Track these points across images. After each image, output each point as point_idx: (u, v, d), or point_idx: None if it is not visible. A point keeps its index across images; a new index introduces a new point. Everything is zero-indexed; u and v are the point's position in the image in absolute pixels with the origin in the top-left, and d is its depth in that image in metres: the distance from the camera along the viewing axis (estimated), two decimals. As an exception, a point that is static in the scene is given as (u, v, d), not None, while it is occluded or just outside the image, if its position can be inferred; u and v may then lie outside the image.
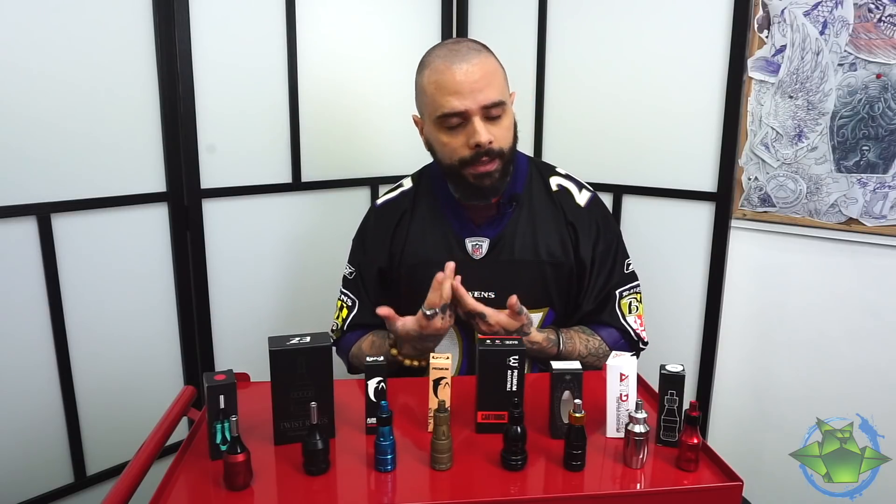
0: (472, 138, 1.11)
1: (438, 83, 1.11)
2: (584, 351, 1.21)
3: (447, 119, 1.12)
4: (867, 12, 1.38)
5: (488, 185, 1.15)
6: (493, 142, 1.12)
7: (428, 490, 0.83)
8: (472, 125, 1.11)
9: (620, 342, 1.25)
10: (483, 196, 1.18)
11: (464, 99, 1.09)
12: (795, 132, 1.51)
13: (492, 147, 1.12)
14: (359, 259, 1.31)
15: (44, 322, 1.33)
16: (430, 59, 1.16)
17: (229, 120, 1.54)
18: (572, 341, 1.21)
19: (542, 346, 1.18)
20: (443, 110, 1.11)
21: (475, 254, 1.23)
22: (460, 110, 1.10)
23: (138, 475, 0.83)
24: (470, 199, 1.21)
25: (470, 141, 1.11)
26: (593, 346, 1.22)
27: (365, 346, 1.26)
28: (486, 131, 1.10)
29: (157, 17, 1.40)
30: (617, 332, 1.25)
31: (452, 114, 1.11)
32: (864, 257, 1.47)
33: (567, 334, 1.22)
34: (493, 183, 1.16)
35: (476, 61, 1.11)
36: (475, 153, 1.12)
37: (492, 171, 1.14)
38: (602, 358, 1.21)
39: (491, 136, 1.11)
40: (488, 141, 1.11)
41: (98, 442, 1.44)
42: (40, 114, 1.27)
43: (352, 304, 1.29)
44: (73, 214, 1.34)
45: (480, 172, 1.14)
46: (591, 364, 1.20)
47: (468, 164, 1.13)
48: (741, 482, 0.82)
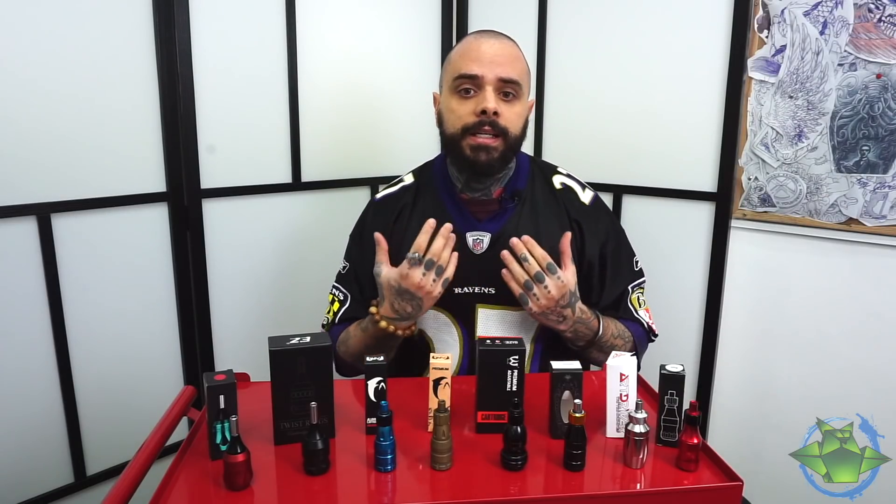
0: (480, 105, 1.13)
1: (463, 51, 1.17)
2: (615, 331, 1.21)
3: (462, 81, 1.14)
4: (867, 12, 1.38)
5: (484, 161, 1.15)
6: (499, 114, 1.13)
7: (428, 490, 0.83)
8: (484, 93, 1.13)
9: (640, 332, 1.26)
10: (476, 174, 1.18)
11: (482, 66, 1.13)
12: (795, 132, 1.51)
13: (497, 120, 1.13)
14: (354, 254, 1.30)
15: (44, 322, 1.33)
16: (464, 37, 1.22)
17: (229, 120, 1.54)
18: (606, 320, 1.21)
19: (588, 316, 1.16)
20: (460, 72, 1.14)
21: (476, 248, 1.22)
22: (476, 74, 1.13)
23: (138, 475, 0.83)
24: (467, 183, 1.20)
25: (477, 107, 1.13)
26: (621, 328, 1.23)
27: (352, 328, 1.24)
28: (494, 101, 1.13)
29: (157, 17, 1.40)
30: (634, 324, 1.26)
31: (468, 76, 1.13)
32: (864, 257, 1.47)
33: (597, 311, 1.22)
34: (490, 160, 1.15)
35: (506, 42, 1.17)
36: (479, 120, 1.13)
37: (490, 147, 1.14)
38: (626, 343, 1.22)
39: (498, 108, 1.13)
40: (494, 110, 1.12)
41: (98, 442, 1.44)
42: (40, 114, 1.27)
43: (343, 297, 1.28)
44: (73, 214, 1.34)
45: (479, 143, 1.14)
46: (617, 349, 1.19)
47: (469, 130, 1.14)
48: (741, 482, 0.82)
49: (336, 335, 1.27)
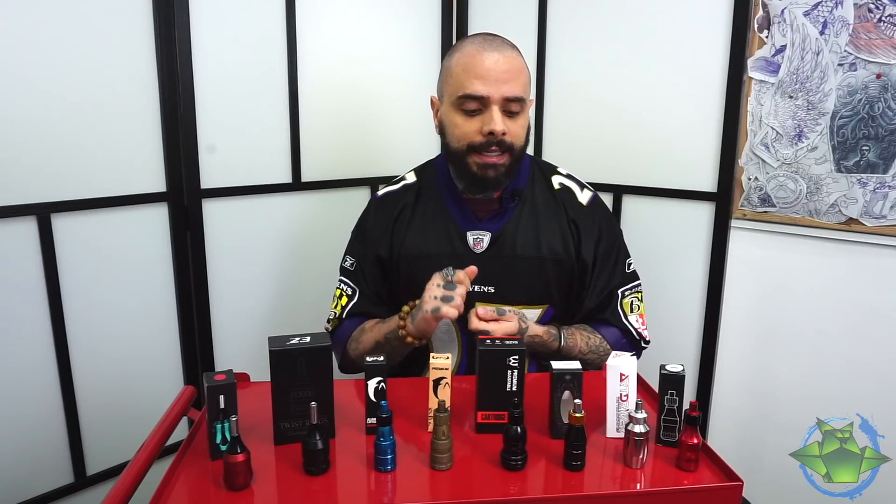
0: (487, 126, 1.12)
1: (467, 65, 1.14)
2: (585, 348, 1.21)
3: (467, 101, 1.13)
4: (867, 12, 1.38)
5: (491, 178, 1.16)
6: (506, 134, 1.13)
7: (428, 490, 0.83)
8: (490, 113, 1.12)
9: (622, 341, 1.25)
10: (483, 188, 1.18)
11: (488, 85, 1.12)
12: (795, 132, 1.51)
13: (504, 139, 1.13)
14: (358, 249, 1.30)
15: (44, 322, 1.33)
16: (463, 44, 1.19)
17: (229, 120, 1.54)
18: (573, 337, 1.21)
19: (543, 340, 1.18)
20: (465, 91, 1.13)
21: (476, 248, 1.23)
22: (482, 95, 1.12)
23: (138, 475, 0.83)
24: (471, 190, 1.20)
25: (484, 128, 1.13)
26: (594, 343, 1.23)
27: (368, 325, 1.25)
28: (501, 122, 1.12)
29: (158, 17, 1.40)
30: (618, 331, 1.26)
31: (474, 96, 1.12)
32: (864, 257, 1.47)
33: (568, 330, 1.22)
34: (497, 176, 1.16)
35: (508, 54, 1.15)
36: (486, 141, 1.13)
37: (497, 164, 1.15)
38: (603, 356, 1.21)
39: (505, 128, 1.12)
40: (502, 131, 1.12)
41: (98, 442, 1.44)
42: (40, 114, 1.27)
43: (352, 292, 1.28)
44: (73, 214, 1.34)
45: (486, 162, 1.14)
46: (591, 362, 1.20)
47: (476, 150, 1.14)
48: (741, 482, 0.82)
49: (346, 332, 1.27)
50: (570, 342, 1.20)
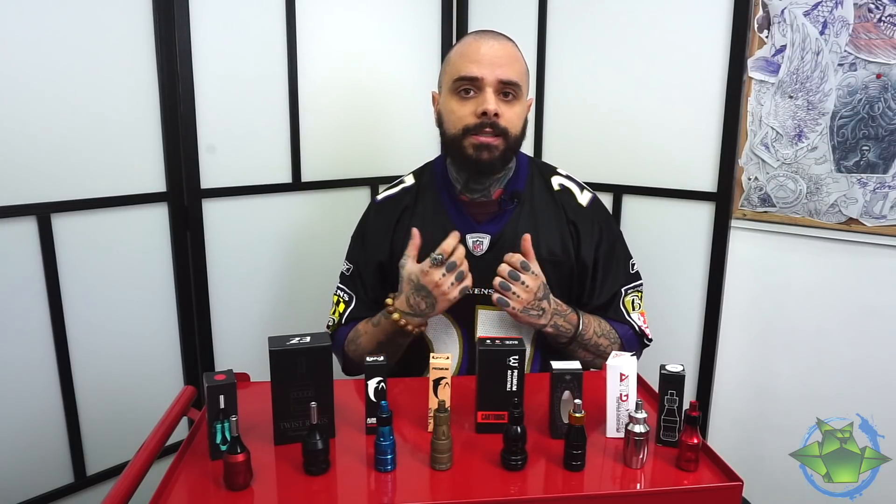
0: (481, 106, 1.13)
1: (463, 52, 1.17)
2: (599, 329, 1.21)
3: (462, 83, 1.15)
4: (867, 12, 1.38)
5: (486, 160, 1.15)
6: (499, 115, 1.13)
7: (428, 490, 0.83)
8: (484, 94, 1.14)
9: (629, 333, 1.26)
10: (479, 172, 1.18)
11: (482, 67, 1.13)
12: (795, 132, 1.51)
13: (497, 121, 1.14)
14: (357, 255, 1.30)
15: (44, 322, 1.33)
16: (463, 38, 1.22)
17: (229, 120, 1.54)
18: (587, 316, 1.21)
19: (564, 311, 1.17)
20: (460, 73, 1.15)
21: (476, 250, 1.23)
22: (476, 76, 1.13)
23: (138, 475, 0.83)
24: (468, 183, 1.20)
25: (478, 109, 1.14)
26: (605, 328, 1.23)
27: (361, 325, 1.25)
28: (495, 102, 1.13)
29: (157, 17, 1.40)
30: (625, 325, 1.26)
31: (468, 78, 1.14)
32: (864, 257, 1.47)
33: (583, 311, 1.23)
34: (492, 159, 1.16)
35: (504, 42, 1.18)
36: (480, 122, 1.14)
37: (492, 145, 1.15)
38: (613, 344, 1.22)
39: (499, 110, 1.14)
40: (495, 111, 1.13)
41: (98, 442, 1.44)
42: (40, 114, 1.27)
43: (349, 298, 1.29)
44: (73, 214, 1.34)
45: (481, 142, 1.14)
46: (600, 350, 1.21)
47: (471, 131, 1.15)
48: (741, 482, 0.82)
49: (344, 335, 1.28)
50: (586, 319, 1.20)
